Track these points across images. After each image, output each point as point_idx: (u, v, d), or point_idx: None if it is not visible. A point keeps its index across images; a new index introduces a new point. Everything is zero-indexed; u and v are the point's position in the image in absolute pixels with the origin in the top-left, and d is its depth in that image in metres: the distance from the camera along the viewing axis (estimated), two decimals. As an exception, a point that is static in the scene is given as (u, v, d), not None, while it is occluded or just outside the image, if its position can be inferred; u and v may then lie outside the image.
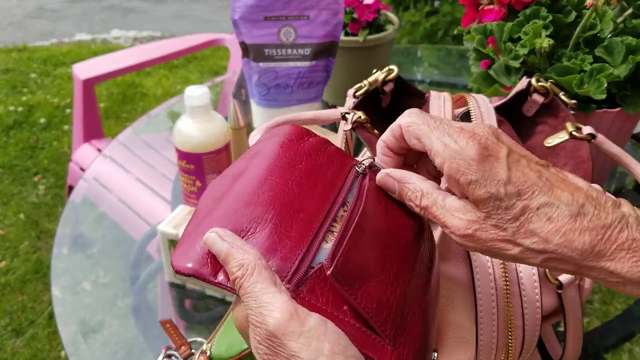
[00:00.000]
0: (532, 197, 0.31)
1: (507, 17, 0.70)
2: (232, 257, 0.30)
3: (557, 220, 0.30)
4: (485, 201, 0.31)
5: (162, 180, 0.93)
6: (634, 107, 0.64)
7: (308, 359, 0.28)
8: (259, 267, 0.30)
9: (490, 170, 0.31)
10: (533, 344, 0.48)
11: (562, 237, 0.30)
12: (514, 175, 0.31)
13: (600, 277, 0.31)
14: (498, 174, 0.31)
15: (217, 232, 0.32)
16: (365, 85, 0.58)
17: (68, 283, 0.70)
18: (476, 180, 0.31)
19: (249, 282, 0.29)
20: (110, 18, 3.54)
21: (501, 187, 0.31)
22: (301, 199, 0.34)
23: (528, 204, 0.31)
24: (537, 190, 0.31)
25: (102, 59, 1.59)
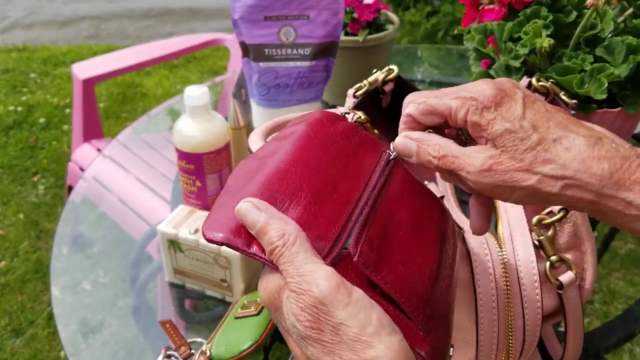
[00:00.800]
0: (548, 131, 0.31)
1: (507, 17, 0.70)
2: (271, 227, 0.30)
3: (574, 149, 0.30)
4: (502, 135, 0.32)
5: (162, 180, 0.93)
6: (634, 107, 0.64)
7: (356, 327, 0.27)
8: (300, 238, 0.29)
9: (507, 108, 0.32)
10: (533, 344, 0.48)
11: (581, 163, 0.30)
12: (529, 112, 0.32)
13: (619, 208, 0.30)
14: (514, 111, 0.32)
15: (252, 202, 0.31)
16: (365, 85, 0.58)
17: (68, 283, 0.70)
18: (493, 118, 0.32)
19: (291, 251, 0.29)
20: None
21: (517, 121, 0.31)
22: (334, 180, 0.34)
23: (544, 135, 0.31)
24: (552, 125, 0.31)
25: (102, 58, 1.59)
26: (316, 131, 0.36)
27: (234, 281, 0.63)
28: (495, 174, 0.32)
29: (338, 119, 0.38)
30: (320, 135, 0.36)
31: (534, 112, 0.32)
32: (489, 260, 0.46)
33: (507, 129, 0.32)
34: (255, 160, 0.36)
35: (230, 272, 0.63)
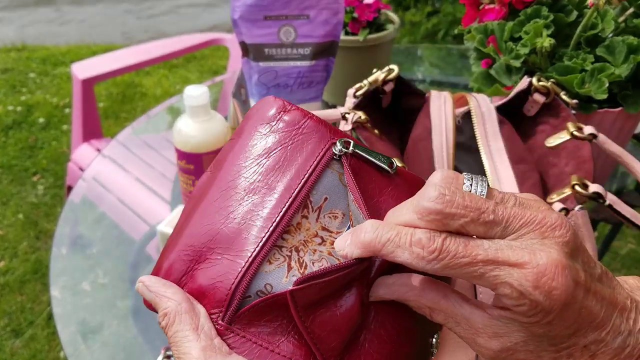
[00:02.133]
0: (586, 334, 0.27)
1: (508, 17, 0.70)
2: (158, 307, 0.31)
3: (601, 356, 0.27)
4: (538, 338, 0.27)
5: (162, 181, 0.93)
6: (635, 107, 0.64)
7: None
8: (179, 314, 0.30)
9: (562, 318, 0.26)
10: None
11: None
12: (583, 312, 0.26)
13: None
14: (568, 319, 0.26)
15: (143, 282, 0.32)
16: (366, 85, 0.58)
17: (67, 283, 0.70)
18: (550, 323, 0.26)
19: (172, 331, 0.30)
20: None
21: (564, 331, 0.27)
22: (254, 208, 0.31)
23: (576, 341, 0.27)
24: (591, 326, 0.27)
25: (101, 58, 1.59)
26: (252, 139, 0.33)
27: (234, 281, 0.63)
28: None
29: (281, 110, 0.33)
30: (255, 144, 0.32)
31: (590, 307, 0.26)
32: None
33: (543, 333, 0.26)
34: (190, 201, 0.34)
35: (230, 272, 0.62)
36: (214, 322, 0.30)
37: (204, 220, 0.32)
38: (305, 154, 0.32)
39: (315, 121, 0.33)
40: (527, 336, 0.27)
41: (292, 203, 0.30)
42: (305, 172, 0.31)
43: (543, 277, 0.25)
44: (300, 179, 0.31)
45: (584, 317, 0.26)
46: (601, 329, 0.27)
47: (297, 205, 0.30)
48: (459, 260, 0.25)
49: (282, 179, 0.31)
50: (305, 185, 0.31)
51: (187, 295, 0.31)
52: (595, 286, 0.27)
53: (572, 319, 0.26)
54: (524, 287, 0.25)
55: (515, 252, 0.25)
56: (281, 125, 0.32)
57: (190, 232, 0.32)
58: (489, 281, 0.25)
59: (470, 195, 0.26)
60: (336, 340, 0.29)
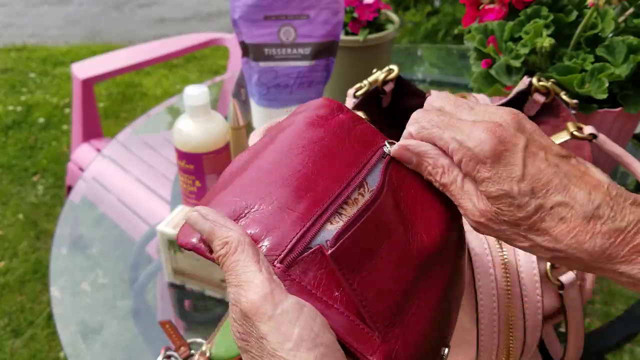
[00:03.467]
0: (546, 196, 0.30)
1: (508, 17, 0.70)
2: (215, 236, 0.30)
3: (569, 221, 0.30)
4: (498, 198, 0.31)
5: (162, 181, 0.93)
6: (635, 107, 0.64)
7: (275, 342, 0.27)
8: (242, 244, 0.29)
9: (505, 166, 0.30)
10: (534, 345, 0.48)
11: (573, 238, 0.30)
12: (528, 171, 0.30)
13: (609, 276, 0.30)
14: (512, 171, 0.30)
15: (199, 211, 0.31)
16: (366, 85, 0.58)
17: (67, 283, 0.70)
18: (489, 177, 0.31)
19: (231, 260, 0.29)
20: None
21: (514, 184, 0.30)
22: (315, 178, 0.33)
23: (542, 202, 0.30)
24: (551, 188, 0.30)
25: (101, 58, 1.59)
26: (309, 126, 0.36)
27: (234, 281, 0.63)
28: (492, 230, 0.32)
29: (337, 110, 0.37)
30: (311, 130, 0.35)
31: (535, 169, 0.30)
32: (490, 261, 0.46)
33: (504, 193, 0.31)
34: (247, 154, 0.36)
35: (230, 272, 0.62)
36: (271, 264, 0.30)
37: (261, 175, 0.33)
38: (362, 146, 0.35)
39: (367, 125, 0.37)
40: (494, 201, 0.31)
41: (353, 179, 0.33)
42: (364, 159, 0.35)
43: (476, 129, 0.31)
44: (361, 163, 0.34)
45: (533, 175, 0.30)
46: (561, 192, 0.30)
47: (357, 183, 0.33)
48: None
49: (342, 161, 0.34)
50: (364, 168, 0.34)
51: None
52: (542, 153, 0.31)
53: (514, 172, 0.30)
54: (462, 139, 0.31)
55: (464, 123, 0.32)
56: (336, 121, 0.36)
57: (245, 183, 0.33)
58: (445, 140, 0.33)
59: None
60: (385, 303, 0.30)
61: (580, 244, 0.30)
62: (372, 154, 0.35)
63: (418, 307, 0.32)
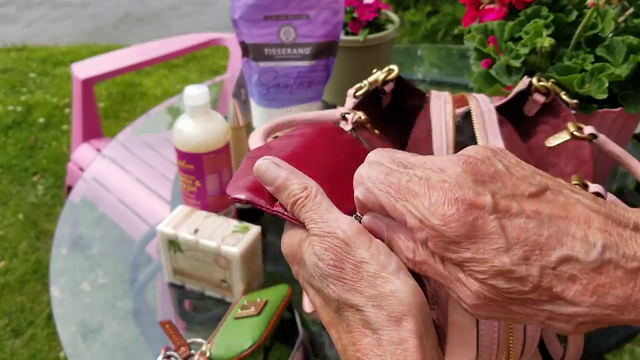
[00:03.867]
0: (543, 257, 0.25)
1: (508, 17, 0.70)
2: (292, 182, 0.31)
3: (580, 278, 0.25)
4: (493, 277, 0.26)
5: (162, 181, 0.93)
6: (635, 107, 0.64)
7: (376, 265, 0.28)
8: (321, 192, 0.31)
9: (484, 239, 0.25)
10: (534, 345, 0.48)
11: (593, 296, 0.25)
12: (510, 235, 0.25)
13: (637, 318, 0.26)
14: (494, 242, 0.25)
15: (270, 159, 0.32)
16: (366, 86, 0.58)
17: (67, 283, 0.70)
18: (471, 258, 0.26)
19: (314, 202, 0.30)
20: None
21: (504, 257, 0.25)
22: (344, 174, 0.35)
23: (542, 264, 0.25)
24: (544, 246, 0.25)
25: (101, 58, 1.59)
26: (324, 133, 0.38)
27: (234, 282, 0.63)
28: (494, 312, 0.27)
29: (341, 131, 0.40)
30: (328, 137, 0.38)
31: (515, 230, 0.25)
32: (490, 261, 0.46)
33: (497, 271, 0.25)
34: (268, 146, 0.37)
35: (230, 272, 0.62)
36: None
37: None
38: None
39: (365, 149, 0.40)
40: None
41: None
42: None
43: (436, 201, 0.26)
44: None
45: (517, 237, 0.25)
46: (556, 246, 0.25)
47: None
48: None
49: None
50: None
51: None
52: (514, 205, 0.26)
53: (496, 242, 0.25)
54: (422, 214, 0.26)
55: (416, 185, 0.27)
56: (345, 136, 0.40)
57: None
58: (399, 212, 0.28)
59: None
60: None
61: (601, 300, 0.25)
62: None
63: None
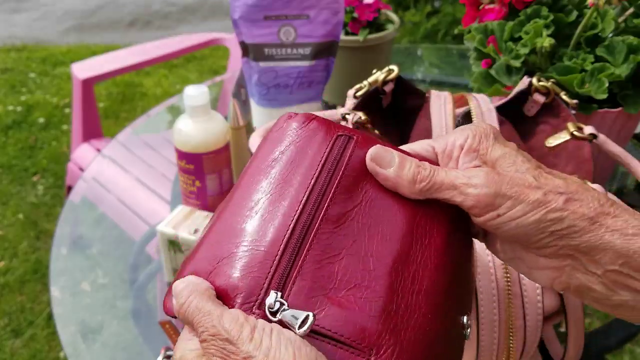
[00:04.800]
0: (541, 166, 0.32)
1: (508, 17, 0.70)
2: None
3: (569, 179, 0.31)
4: (502, 157, 0.31)
5: (162, 181, 0.93)
6: (635, 107, 0.64)
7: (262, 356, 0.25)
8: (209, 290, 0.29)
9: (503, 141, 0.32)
10: (534, 345, 0.48)
11: (579, 186, 0.30)
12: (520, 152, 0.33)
13: (618, 225, 0.29)
14: (511, 145, 0.33)
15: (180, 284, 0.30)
16: (366, 86, 0.58)
17: (67, 283, 0.70)
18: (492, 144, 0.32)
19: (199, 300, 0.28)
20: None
21: (514, 150, 0.32)
22: (274, 207, 0.31)
23: (540, 165, 0.32)
24: (542, 165, 0.32)
25: (101, 58, 1.59)
26: (269, 144, 0.34)
27: (234, 281, 0.63)
28: (501, 184, 0.30)
29: (286, 119, 0.35)
30: (264, 158, 0.33)
31: (524, 151, 0.33)
32: (490, 261, 0.46)
33: (506, 152, 0.32)
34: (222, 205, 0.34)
35: (230, 272, 0.62)
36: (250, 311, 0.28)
37: (227, 221, 0.31)
38: (315, 146, 0.33)
39: (318, 119, 0.34)
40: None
41: (312, 190, 0.31)
42: (317, 163, 0.32)
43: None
44: (315, 168, 0.32)
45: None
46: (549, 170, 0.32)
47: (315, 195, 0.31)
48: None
49: (297, 172, 0.32)
50: (322, 172, 0.32)
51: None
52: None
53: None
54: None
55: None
56: (288, 130, 0.34)
57: (212, 236, 0.31)
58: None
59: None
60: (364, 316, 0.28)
61: (585, 190, 0.30)
62: (329, 148, 0.33)
63: (411, 294, 0.30)
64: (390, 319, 0.29)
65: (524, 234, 0.30)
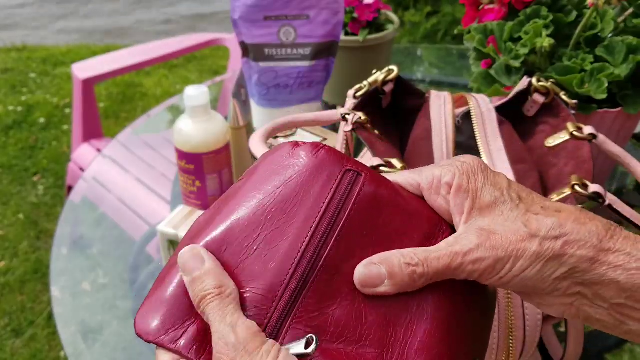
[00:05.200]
0: (533, 202, 0.31)
1: (507, 17, 0.70)
2: (210, 277, 0.28)
3: (564, 211, 0.30)
4: (493, 204, 0.30)
5: (162, 181, 0.93)
6: (634, 107, 0.64)
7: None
8: (235, 296, 0.28)
9: (494, 177, 0.31)
10: (534, 345, 0.48)
11: (575, 222, 0.29)
12: (512, 184, 0.32)
13: (619, 261, 0.29)
14: (501, 181, 0.31)
15: (199, 248, 0.30)
16: (365, 86, 0.58)
17: (67, 283, 0.70)
18: (482, 186, 0.31)
19: (222, 301, 0.28)
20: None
21: (505, 191, 0.31)
22: (275, 247, 0.29)
23: (530, 205, 0.31)
24: (535, 197, 0.31)
25: (102, 58, 1.59)
26: (268, 173, 0.32)
27: (234, 281, 0.63)
28: (497, 250, 0.29)
29: (294, 146, 0.32)
30: (264, 186, 0.31)
31: (515, 185, 0.32)
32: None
33: (496, 198, 0.30)
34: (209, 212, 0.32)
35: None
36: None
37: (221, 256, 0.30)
38: (321, 181, 0.31)
39: (327, 150, 0.32)
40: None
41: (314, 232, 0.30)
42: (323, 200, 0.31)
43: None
44: (320, 206, 0.30)
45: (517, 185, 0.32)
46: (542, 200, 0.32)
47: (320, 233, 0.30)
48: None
49: (302, 207, 0.30)
50: (326, 212, 0.30)
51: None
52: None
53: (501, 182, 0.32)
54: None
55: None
56: (294, 158, 0.32)
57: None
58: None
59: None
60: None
61: (583, 225, 0.29)
62: (336, 185, 0.31)
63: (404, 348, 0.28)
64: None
65: (530, 286, 0.30)
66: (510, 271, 0.29)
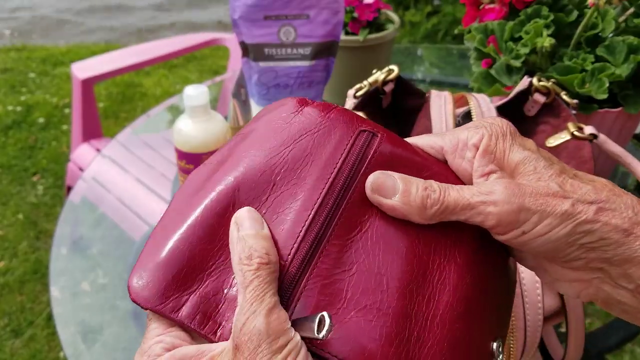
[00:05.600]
0: (566, 166, 0.29)
1: (508, 17, 0.70)
2: (258, 241, 0.26)
3: (598, 181, 0.28)
4: (523, 161, 0.28)
5: (162, 181, 0.93)
6: (635, 107, 0.64)
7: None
8: (276, 268, 0.26)
9: (522, 139, 0.29)
10: (535, 345, 0.48)
11: (610, 191, 0.27)
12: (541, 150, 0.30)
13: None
14: (530, 144, 0.29)
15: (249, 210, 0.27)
16: (366, 86, 0.58)
17: (67, 284, 0.70)
18: (510, 146, 0.29)
19: (268, 271, 0.26)
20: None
21: (535, 151, 0.29)
22: (284, 209, 0.27)
23: (564, 167, 0.29)
24: (567, 164, 0.30)
25: (101, 58, 1.59)
26: (273, 131, 0.29)
27: (234, 282, 0.63)
28: (524, 198, 0.27)
29: (301, 104, 0.30)
30: (272, 141, 0.29)
31: (544, 151, 0.30)
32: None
33: (526, 156, 0.28)
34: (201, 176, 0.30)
35: (230, 272, 0.62)
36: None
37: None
38: (334, 142, 0.29)
39: (339, 110, 0.30)
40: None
41: (327, 194, 0.28)
42: (336, 161, 0.29)
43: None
44: (333, 167, 0.28)
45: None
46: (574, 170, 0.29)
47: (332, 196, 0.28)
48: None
49: (313, 168, 0.28)
50: (340, 174, 0.28)
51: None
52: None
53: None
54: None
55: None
56: (303, 116, 0.30)
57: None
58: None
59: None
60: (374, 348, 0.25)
61: (618, 195, 0.27)
62: (350, 144, 0.29)
63: (426, 319, 0.27)
64: (402, 347, 0.26)
65: (552, 249, 0.27)
66: (535, 227, 0.27)
